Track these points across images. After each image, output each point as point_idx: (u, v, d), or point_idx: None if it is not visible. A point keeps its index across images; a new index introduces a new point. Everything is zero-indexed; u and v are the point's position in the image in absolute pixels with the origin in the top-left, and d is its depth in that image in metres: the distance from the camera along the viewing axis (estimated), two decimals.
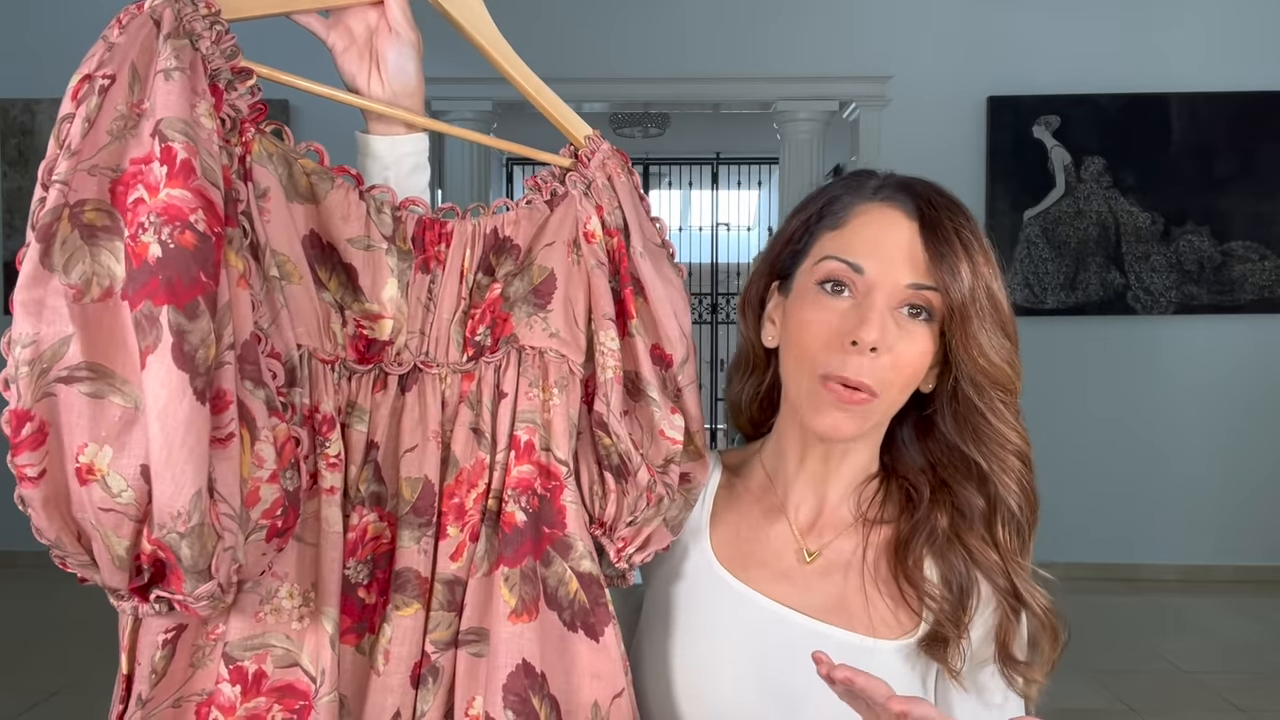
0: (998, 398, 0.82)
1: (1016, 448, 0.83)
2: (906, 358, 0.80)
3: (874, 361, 0.78)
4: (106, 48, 0.60)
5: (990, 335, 0.79)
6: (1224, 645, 3.65)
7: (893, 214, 0.81)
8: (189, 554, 0.58)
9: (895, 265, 0.80)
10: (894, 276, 0.79)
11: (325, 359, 0.71)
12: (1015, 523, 0.84)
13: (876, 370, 0.79)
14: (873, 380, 0.79)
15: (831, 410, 0.80)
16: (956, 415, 0.84)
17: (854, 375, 0.79)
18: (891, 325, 0.79)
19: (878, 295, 0.79)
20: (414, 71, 0.79)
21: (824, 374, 0.80)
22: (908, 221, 0.80)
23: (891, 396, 0.81)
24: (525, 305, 0.79)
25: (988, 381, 0.81)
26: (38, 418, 0.56)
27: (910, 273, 0.79)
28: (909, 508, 0.87)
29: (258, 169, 0.68)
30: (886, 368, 0.79)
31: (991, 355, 0.80)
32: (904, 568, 0.85)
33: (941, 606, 0.83)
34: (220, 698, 0.66)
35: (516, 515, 0.75)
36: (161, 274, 0.56)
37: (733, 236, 7.76)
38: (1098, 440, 4.40)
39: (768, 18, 4.53)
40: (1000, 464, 0.83)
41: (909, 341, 0.80)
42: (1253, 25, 4.43)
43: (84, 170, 0.58)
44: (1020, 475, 0.83)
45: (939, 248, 0.79)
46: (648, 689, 0.87)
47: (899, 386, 0.81)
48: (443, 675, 0.72)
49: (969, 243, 0.79)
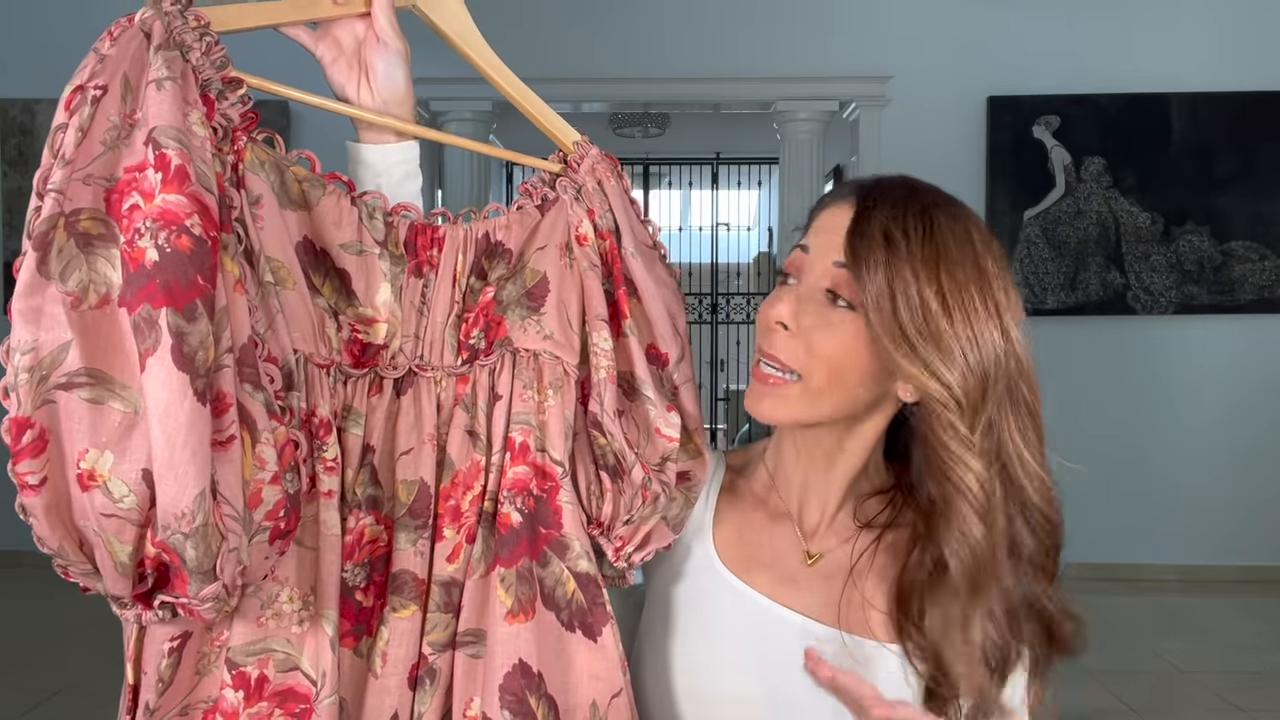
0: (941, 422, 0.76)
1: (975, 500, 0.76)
2: (823, 344, 0.79)
3: (788, 340, 0.79)
4: (98, 59, 0.61)
5: (916, 341, 0.74)
6: (1224, 645, 3.64)
7: (844, 205, 0.81)
8: (194, 555, 0.58)
9: (830, 246, 0.80)
10: (826, 256, 0.80)
11: (321, 363, 0.71)
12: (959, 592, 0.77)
13: (792, 349, 0.79)
14: (788, 358, 0.79)
15: (756, 392, 0.82)
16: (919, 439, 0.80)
17: (767, 348, 0.80)
18: (811, 309, 0.79)
19: (808, 277, 0.81)
20: (403, 80, 0.79)
21: (759, 351, 0.82)
22: (850, 210, 0.80)
23: (819, 385, 0.79)
24: (518, 308, 0.79)
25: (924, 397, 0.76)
26: (38, 425, 0.56)
27: (837, 255, 0.79)
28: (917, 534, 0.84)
29: (250, 176, 0.69)
30: (801, 349, 0.79)
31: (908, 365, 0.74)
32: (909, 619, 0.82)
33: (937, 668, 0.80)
34: (224, 703, 0.67)
35: (512, 516, 0.75)
36: (159, 277, 0.57)
37: (733, 236, 7.76)
38: (1098, 440, 4.39)
39: (768, 18, 4.53)
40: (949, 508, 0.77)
41: (827, 329, 0.79)
42: (1253, 25, 4.43)
43: (79, 179, 0.58)
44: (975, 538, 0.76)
45: (856, 239, 0.77)
46: (647, 688, 0.87)
47: (822, 375, 0.79)
48: (440, 677, 0.73)
49: (894, 238, 0.76)
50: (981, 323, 0.76)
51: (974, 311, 0.75)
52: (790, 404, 0.81)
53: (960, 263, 0.76)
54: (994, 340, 0.76)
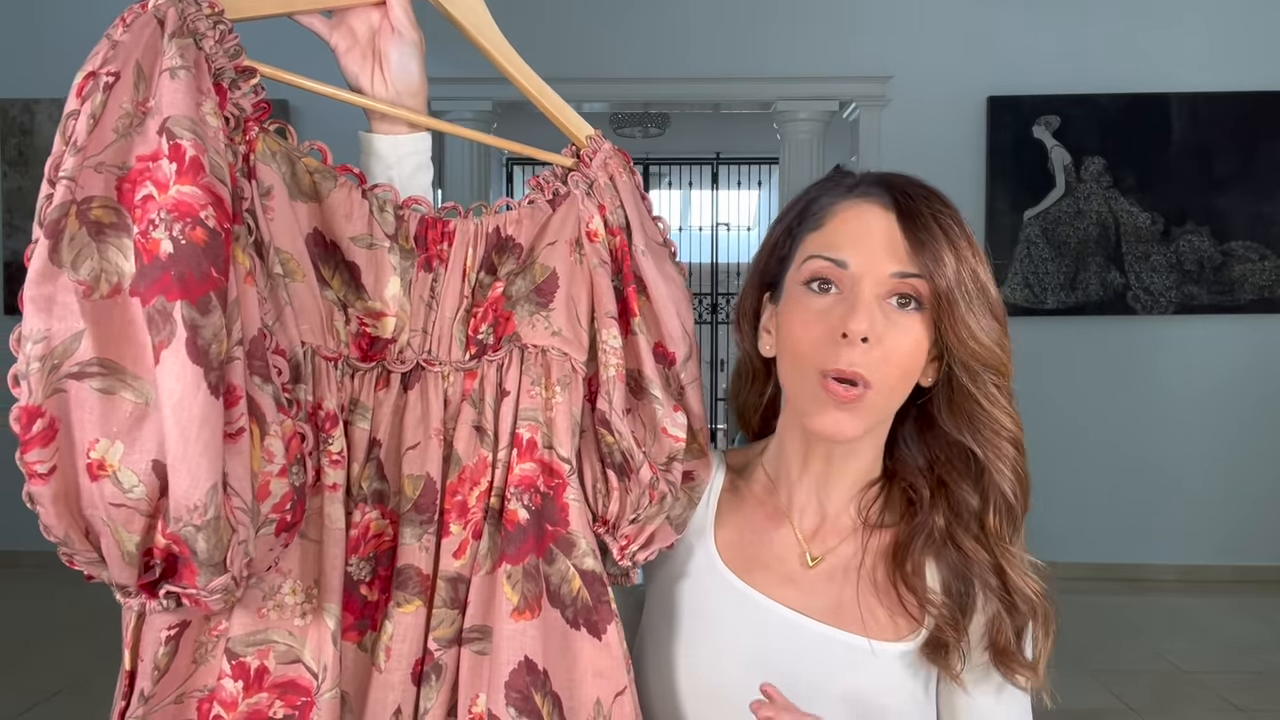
0: (990, 381, 0.82)
1: (1011, 434, 0.83)
2: (899, 348, 0.79)
3: (866, 353, 0.78)
4: (110, 45, 0.60)
5: (979, 318, 0.80)
6: (1224, 645, 3.65)
7: (871, 207, 0.81)
8: (205, 547, 0.58)
9: (878, 256, 0.80)
10: (878, 267, 0.80)
11: (328, 356, 0.71)
12: (1008, 510, 0.84)
13: (870, 362, 0.78)
14: (866, 371, 0.78)
15: (832, 410, 0.80)
16: (952, 404, 0.84)
17: (847, 367, 0.78)
18: (880, 316, 0.79)
19: (863, 287, 0.80)
20: (417, 71, 0.79)
21: (820, 370, 0.79)
22: (886, 213, 0.80)
23: (888, 390, 0.81)
24: (527, 304, 0.79)
25: (980, 365, 0.81)
26: (48, 414, 0.56)
27: (894, 262, 0.79)
28: (910, 511, 0.87)
29: (261, 167, 0.68)
30: (879, 360, 0.79)
31: (982, 338, 0.80)
32: (903, 572, 0.85)
33: (941, 611, 0.83)
34: (222, 693, 0.67)
35: (519, 513, 0.75)
36: (174, 269, 0.57)
37: (733, 236, 7.76)
38: (1098, 440, 4.40)
39: (768, 18, 4.53)
40: (995, 451, 0.83)
41: (899, 332, 0.79)
42: (1253, 25, 4.43)
43: (90, 167, 0.58)
44: (1014, 462, 0.84)
45: (919, 235, 0.79)
46: (650, 687, 0.88)
47: (894, 379, 0.80)
48: (446, 673, 0.73)
49: (949, 228, 0.80)
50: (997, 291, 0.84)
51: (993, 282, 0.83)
52: (869, 417, 0.82)
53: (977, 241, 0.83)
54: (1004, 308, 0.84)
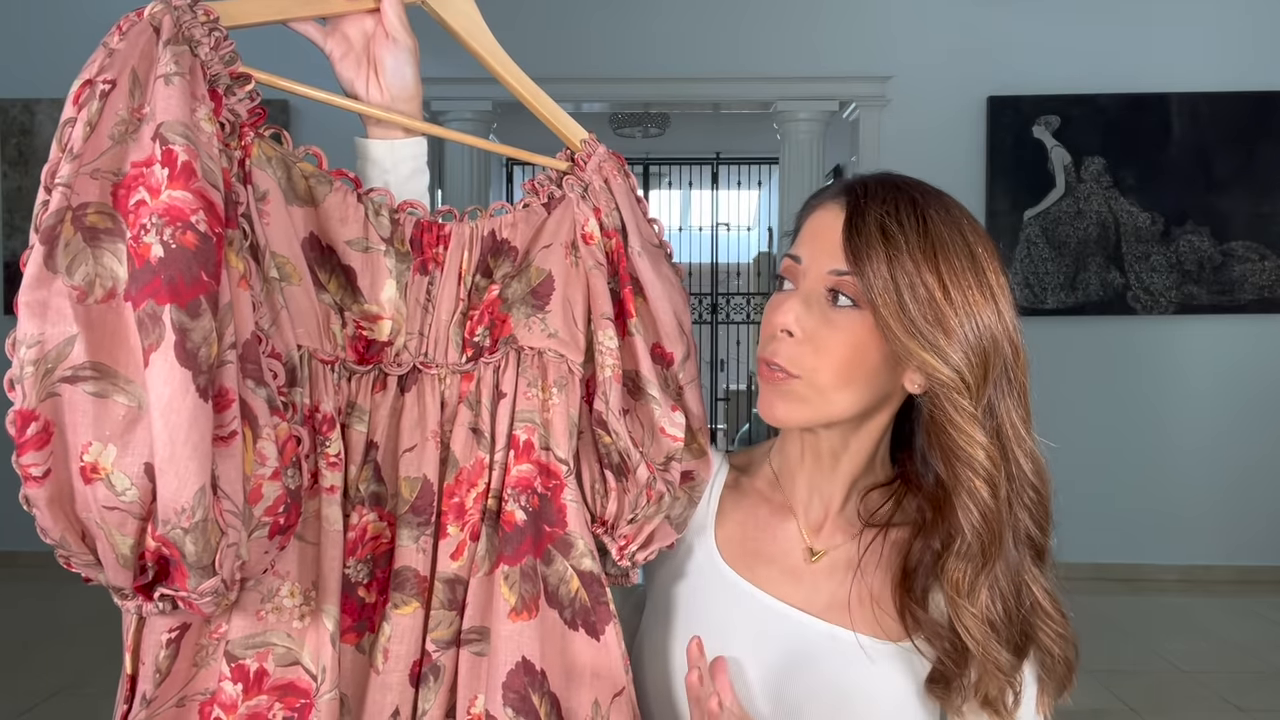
0: (950, 403, 0.78)
1: (984, 470, 0.78)
2: (830, 344, 0.79)
3: (796, 345, 0.80)
4: (107, 54, 0.61)
5: (922, 328, 0.76)
6: (1224, 645, 3.65)
7: (832, 207, 0.82)
8: (193, 550, 0.58)
9: (823, 252, 0.81)
10: (819, 263, 0.81)
11: (325, 359, 0.72)
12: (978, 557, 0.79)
13: (796, 354, 0.80)
14: (787, 363, 0.80)
15: (765, 392, 0.82)
16: (930, 421, 0.81)
17: (771, 357, 0.81)
18: (815, 312, 0.80)
19: (805, 282, 0.81)
20: (411, 76, 0.79)
21: (761, 358, 0.82)
22: (841, 212, 0.81)
23: (821, 384, 0.80)
24: (523, 306, 0.79)
25: (934, 381, 0.78)
26: (42, 417, 0.56)
27: (832, 259, 0.80)
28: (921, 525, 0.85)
29: (257, 172, 0.69)
30: (809, 353, 0.80)
31: (919, 351, 0.76)
32: (911, 597, 0.84)
33: (943, 645, 0.81)
34: (222, 696, 0.67)
35: (516, 514, 0.75)
36: (164, 273, 0.57)
37: (733, 236, 7.77)
38: (1097, 440, 4.40)
39: (768, 18, 4.53)
40: (960, 484, 0.79)
41: (832, 329, 0.80)
42: (1252, 25, 4.43)
43: (86, 173, 0.58)
44: (984, 505, 0.78)
45: (854, 238, 0.79)
46: (649, 686, 0.88)
47: (829, 374, 0.80)
48: (444, 674, 0.73)
49: (891, 231, 0.77)
50: (979, 306, 0.78)
51: (971, 296, 0.78)
52: (803, 406, 0.81)
53: (955, 250, 0.78)
54: (991, 322, 0.78)
